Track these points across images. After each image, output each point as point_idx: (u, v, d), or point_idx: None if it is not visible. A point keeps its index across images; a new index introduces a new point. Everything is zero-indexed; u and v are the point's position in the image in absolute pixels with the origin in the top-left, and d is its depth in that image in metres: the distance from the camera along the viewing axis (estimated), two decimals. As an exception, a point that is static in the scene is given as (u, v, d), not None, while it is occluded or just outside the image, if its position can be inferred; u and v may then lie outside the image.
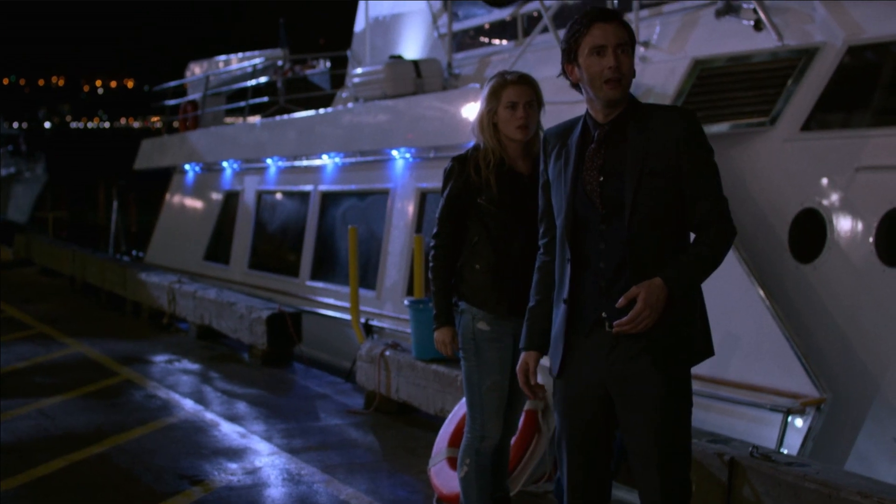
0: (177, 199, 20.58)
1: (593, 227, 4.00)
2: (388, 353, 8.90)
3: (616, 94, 3.95)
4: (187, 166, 19.82)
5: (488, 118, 5.18)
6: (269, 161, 16.22)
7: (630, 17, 9.96)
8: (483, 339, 5.18)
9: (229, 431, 8.58)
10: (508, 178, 5.17)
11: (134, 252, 24.55)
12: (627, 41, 3.97)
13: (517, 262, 5.04)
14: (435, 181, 11.94)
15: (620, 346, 3.95)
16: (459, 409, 6.69)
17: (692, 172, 3.94)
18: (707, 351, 4.12)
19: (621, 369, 3.96)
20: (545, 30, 10.89)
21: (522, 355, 4.33)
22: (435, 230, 5.34)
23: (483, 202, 5.18)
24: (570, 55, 4.03)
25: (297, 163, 15.35)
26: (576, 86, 4.08)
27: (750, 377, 7.74)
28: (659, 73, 8.96)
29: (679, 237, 4.01)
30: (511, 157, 5.20)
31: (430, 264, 5.34)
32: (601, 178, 3.98)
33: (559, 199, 4.11)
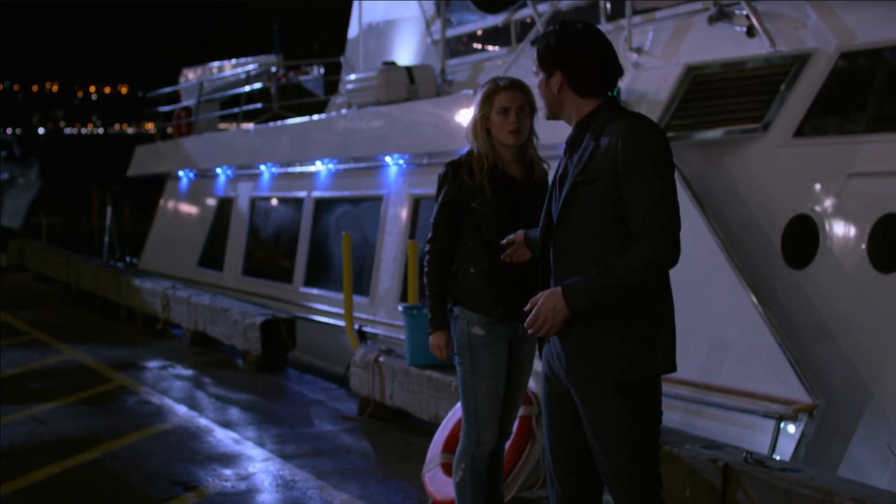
0: (171, 205, 20.58)
1: (551, 237, 4.06)
2: (382, 358, 8.90)
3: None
4: (181, 172, 19.81)
5: (481, 123, 5.23)
6: (262, 167, 16.22)
7: (623, 22, 9.99)
8: (478, 344, 5.19)
9: (223, 437, 8.57)
10: (502, 183, 5.20)
11: (128, 258, 24.50)
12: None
13: (511, 266, 5.05)
14: (428, 187, 11.94)
15: (572, 360, 3.98)
16: (453, 414, 6.71)
17: (628, 182, 3.84)
18: (663, 366, 3.96)
19: (575, 382, 3.98)
20: (538, 36, 10.89)
21: None
22: (430, 235, 5.37)
23: (477, 206, 5.21)
24: (548, 61, 4.09)
25: (290, 169, 15.35)
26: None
27: (742, 383, 7.74)
28: (652, 79, 8.97)
29: (614, 247, 3.88)
30: (504, 162, 5.23)
31: (425, 269, 5.35)
32: (557, 185, 4.06)
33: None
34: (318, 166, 14.42)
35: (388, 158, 12.72)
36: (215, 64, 21.93)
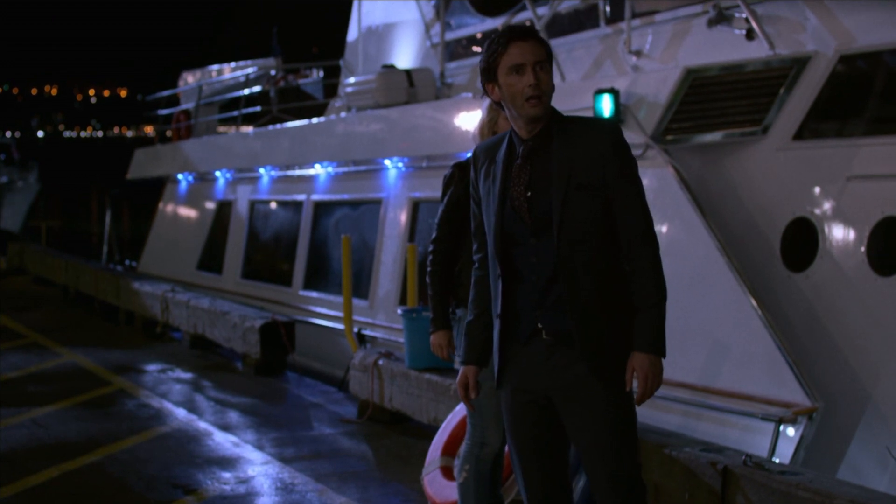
0: (170, 208, 20.58)
1: (524, 242, 4.05)
2: (381, 362, 8.90)
3: (538, 111, 3.99)
4: (180, 176, 19.82)
5: (489, 127, 5.26)
6: (261, 170, 16.21)
7: (622, 25, 10.00)
8: (481, 346, 5.19)
9: (222, 440, 8.57)
10: None
11: (127, 261, 24.52)
12: (545, 58, 4.01)
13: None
14: (427, 190, 11.95)
15: (557, 355, 4.01)
16: (453, 417, 6.70)
17: (616, 187, 3.97)
18: None
19: (561, 377, 4.00)
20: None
21: (462, 369, 4.37)
22: (434, 235, 5.40)
23: None
24: (489, 74, 4.07)
25: (289, 172, 15.35)
26: (498, 103, 4.11)
27: (741, 386, 7.74)
28: (651, 82, 8.97)
29: (608, 247, 4.00)
30: None
31: (428, 269, 5.38)
32: (528, 194, 4.03)
33: (488, 215, 4.16)
34: (318, 169, 14.42)
35: (387, 161, 12.72)
36: (214, 67, 21.94)
